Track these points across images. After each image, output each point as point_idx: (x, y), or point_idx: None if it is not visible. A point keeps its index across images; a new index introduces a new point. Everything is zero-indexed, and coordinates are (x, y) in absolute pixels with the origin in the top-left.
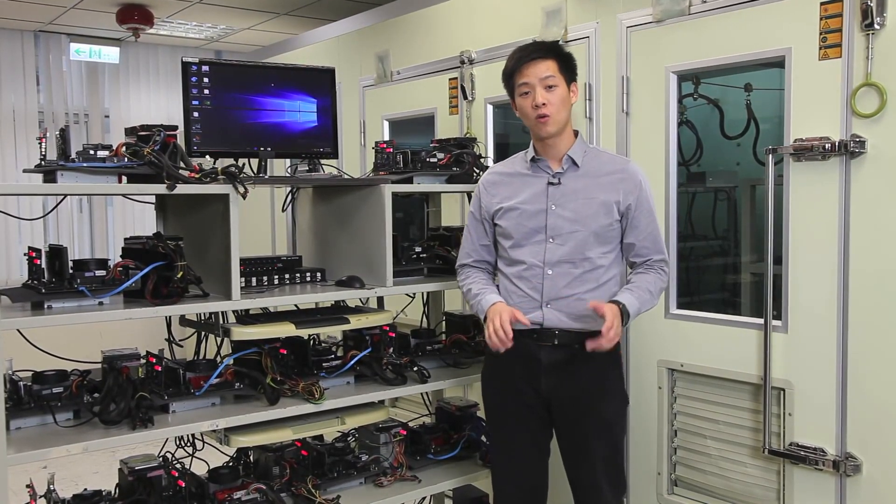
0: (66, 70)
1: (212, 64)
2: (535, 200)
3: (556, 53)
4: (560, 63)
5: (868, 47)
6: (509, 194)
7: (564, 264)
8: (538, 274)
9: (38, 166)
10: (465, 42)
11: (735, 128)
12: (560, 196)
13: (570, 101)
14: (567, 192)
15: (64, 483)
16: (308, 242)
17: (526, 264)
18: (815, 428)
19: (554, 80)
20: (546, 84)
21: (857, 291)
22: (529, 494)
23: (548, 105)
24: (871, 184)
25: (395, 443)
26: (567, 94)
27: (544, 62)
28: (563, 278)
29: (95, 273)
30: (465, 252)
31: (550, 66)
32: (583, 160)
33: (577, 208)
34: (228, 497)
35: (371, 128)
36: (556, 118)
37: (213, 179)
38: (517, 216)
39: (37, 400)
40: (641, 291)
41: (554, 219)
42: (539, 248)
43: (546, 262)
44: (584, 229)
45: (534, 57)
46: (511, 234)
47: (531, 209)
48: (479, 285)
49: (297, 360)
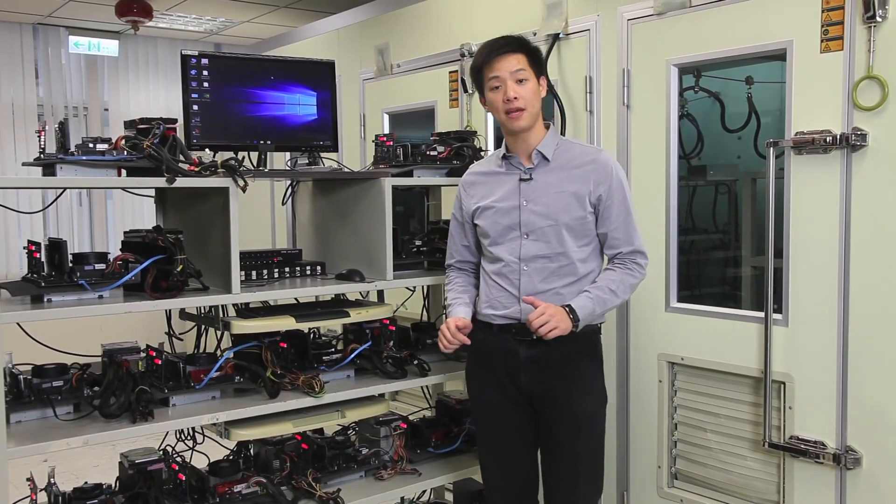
0: (65, 63)
1: (211, 57)
2: (508, 198)
3: (525, 48)
4: (529, 57)
5: (870, 40)
6: (485, 193)
7: (540, 259)
8: (515, 270)
9: (37, 160)
10: (465, 35)
11: (736, 121)
12: (532, 192)
13: (539, 94)
14: (539, 186)
15: (64, 476)
16: (308, 236)
17: (504, 261)
18: (815, 421)
19: (524, 73)
20: (517, 78)
21: (857, 285)
22: (519, 487)
23: (520, 98)
24: (872, 177)
25: (395, 436)
26: (538, 87)
27: (514, 56)
28: (540, 273)
29: (95, 266)
30: (449, 253)
31: (520, 60)
32: (553, 153)
33: (549, 202)
34: (229, 490)
35: (371, 121)
36: (530, 111)
37: (213, 173)
38: (492, 214)
39: (37, 393)
40: (600, 291)
41: (527, 215)
42: (515, 244)
43: (522, 259)
44: (556, 223)
45: (503, 51)
46: (488, 233)
47: (505, 206)
48: (454, 293)
49: (298, 354)
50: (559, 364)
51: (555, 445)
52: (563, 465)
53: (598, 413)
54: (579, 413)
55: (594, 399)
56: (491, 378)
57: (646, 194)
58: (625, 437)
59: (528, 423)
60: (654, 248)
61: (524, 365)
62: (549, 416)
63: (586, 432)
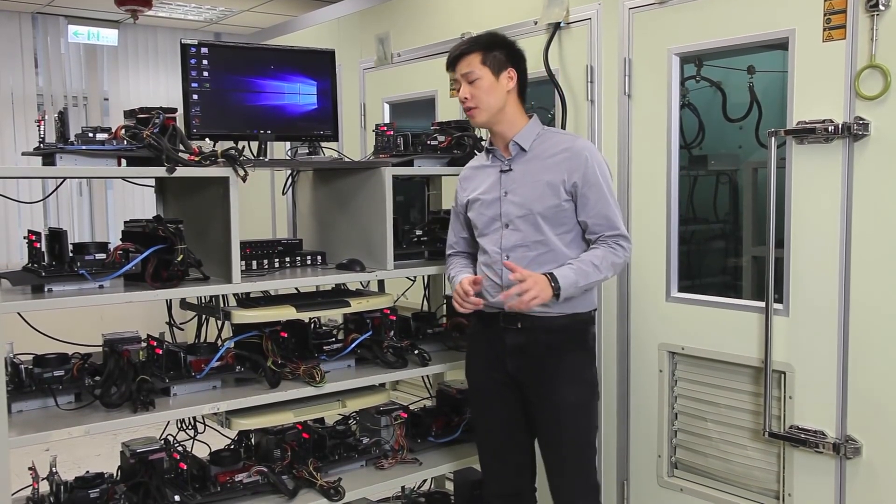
0: (64, 52)
1: (211, 46)
2: (491, 189)
3: (479, 45)
4: (484, 55)
5: (873, 28)
6: (474, 186)
7: (519, 248)
8: (498, 260)
9: (37, 149)
10: (466, 24)
11: (737, 110)
12: (511, 182)
13: (500, 88)
14: (517, 177)
15: (66, 465)
16: (308, 226)
17: (488, 252)
18: (815, 411)
19: (474, 74)
20: (468, 79)
21: (858, 275)
22: (514, 470)
23: (469, 98)
24: (874, 166)
25: (395, 426)
26: (494, 83)
27: (466, 58)
28: (520, 262)
29: (95, 256)
30: (449, 243)
31: (471, 61)
32: (532, 144)
33: (525, 192)
34: (230, 479)
35: (371, 110)
36: (483, 108)
37: (213, 162)
38: (478, 206)
39: (38, 383)
40: (582, 264)
41: (507, 206)
42: (497, 235)
43: (503, 249)
44: (531, 212)
45: (455, 54)
46: (476, 225)
47: (488, 198)
48: (456, 268)
49: (298, 344)
50: (544, 352)
51: (540, 433)
52: (547, 452)
53: (585, 403)
54: (562, 403)
55: (580, 389)
56: (482, 363)
57: (646, 184)
58: (625, 427)
59: (518, 408)
60: (654, 237)
61: (510, 352)
62: (534, 403)
63: (569, 422)
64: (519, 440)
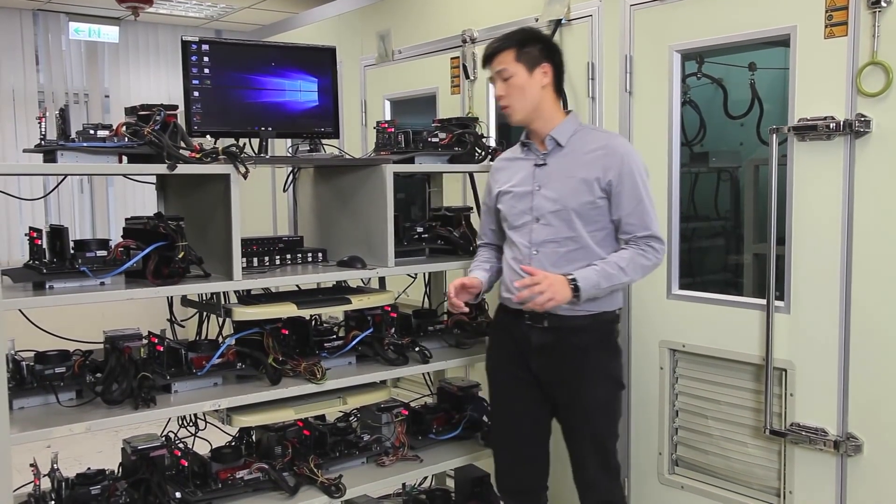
0: (65, 49)
1: (212, 43)
2: (524, 183)
3: (513, 42)
4: (517, 51)
5: (874, 25)
6: (507, 178)
7: (549, 244)
8: (527, 255)
9: (38, 146)
10: (467, 21)
11: (739, 107)
12: (545, 177)
13: (535, 84)
14: (551, 172)
15: (67, 462)
16: (309, 223)
17: (517, 246)
18: (816, 408)
19: (507, 71)
20: (502, 77)
21: (860, 272)
22: (528, 468)
23: (504, 97)
24: (875, 164)
25: (396, 423)
26: (527, 79)
27: (499, 56)
28: (549, 258)
29: (97, 253)
30: (479, 234)
31: (504, 59)
32: (569, 140)
33: (559, 188)
34: (231, 476)
35: (372, 107)
36: (517, 106)
37: (214, 159)
38: (510, 199)
39: (39, 380)
40: (606, 266)
41: (539, 200)
42: (527, 229)
43: (532, 243)
44: (565, 208)
45: (490, 51)
46: (506, 217)
47: (520, 191)
48: (476, 263)
49: (299, 341)
50: (570, 352)
51: (565, 428)
52: (573, 446)
53: (612, 399)
54: (589, 402)
55: (606, 386)
56: (506, 359)
57: None
58: (626, 424)
59: (539, 406)
60: None
61: (535, 351)
62: (560, 401)
63: (595, 419)
64: (536, 438)
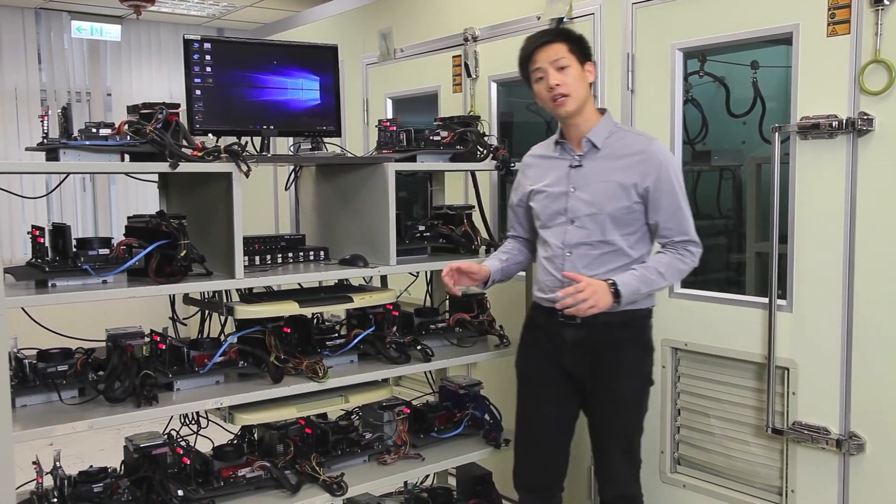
0: (67, 48)
1: (214, 41)
2: (558, 183)
3: (565, 36)
4: (570, 45)
5: (877, 23)
6: (539, 177)
7: (583, 246)
8: (560, 256)
9: (40, 144)
10: (468, 19)
11: (741, 106)
12: (580, 179)
13: (586, 79)
14: (587, 174)
15: (70, 460)
16: (311, 221)
17: (551, 246)
18: (818, 407)
19: (564, 60)
20: (557, 66)
21: (862, 271)
22: (548, 465)
23: (562, 85)
24: (878, 162)
25: (398, 421)
26: (581, 73)
27: (553, 46)
28: (583, 260)
29: (99, 251)
30: (508, 226)
31: (559, 49)
32: (605, 141)
33: (595, 191)
34: (233, 474)
35: (374, 106)
36: (574, 96)
37: (216, 158)
38: (543, 199)
39: (42, 378)
40: (646, 271)
41: (574, 202)
42: (561, 230)
43: (566, 244)
44: (601, 212)
45: (542, 42)
46: (539, 216)
47: (554, 192)
48: (495, 252)
49: (301, 339)
50: (603, 348)
51: (592, 421)
52: (598, 439)
53: (641, 395)
54: (619, 397)
55: (637, 382)
56: (538, 356)
57: None
58: None
59: (566, 404)
60: None
61: (569, 347)
62: (590, 395)
63: (624, 413)
64: (560, 437)
